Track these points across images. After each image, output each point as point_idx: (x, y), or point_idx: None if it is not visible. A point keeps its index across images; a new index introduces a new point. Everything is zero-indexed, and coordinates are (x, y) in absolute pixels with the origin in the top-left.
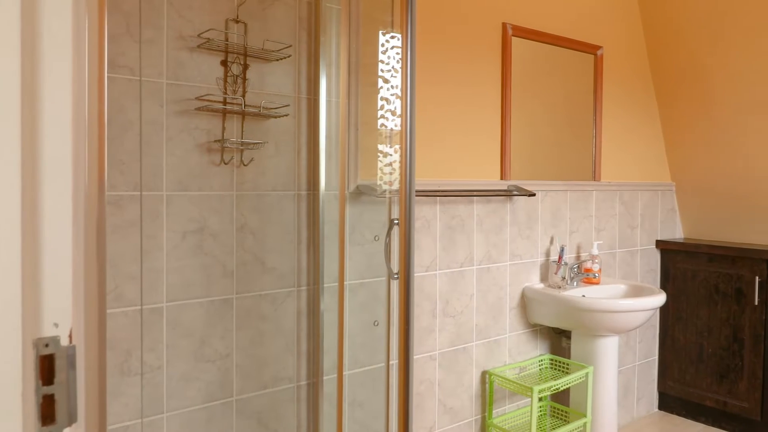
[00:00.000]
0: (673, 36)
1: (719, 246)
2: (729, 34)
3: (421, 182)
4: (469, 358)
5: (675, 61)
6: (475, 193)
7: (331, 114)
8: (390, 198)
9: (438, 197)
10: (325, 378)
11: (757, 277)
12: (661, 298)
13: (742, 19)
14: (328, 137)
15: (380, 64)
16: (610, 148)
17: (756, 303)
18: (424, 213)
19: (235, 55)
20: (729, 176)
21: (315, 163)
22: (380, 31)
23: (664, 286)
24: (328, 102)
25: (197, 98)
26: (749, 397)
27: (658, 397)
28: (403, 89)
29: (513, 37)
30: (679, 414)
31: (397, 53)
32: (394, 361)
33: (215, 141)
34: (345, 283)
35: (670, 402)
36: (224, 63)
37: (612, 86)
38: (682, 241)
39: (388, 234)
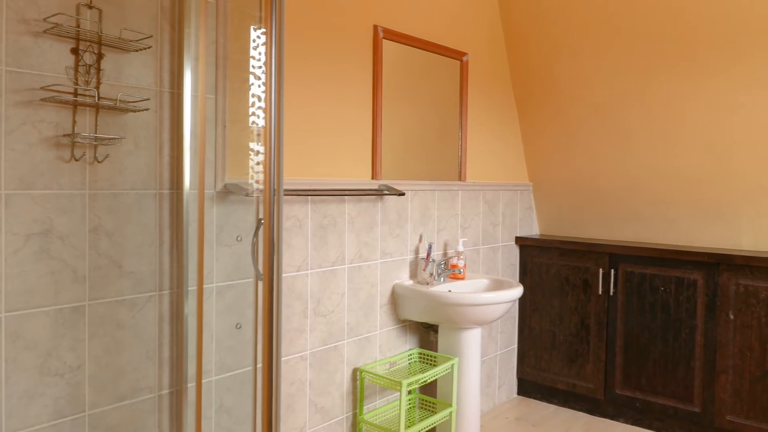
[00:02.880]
0: (529, 45)
1: (569, 241)
2: (575, 43)
3: (292, 181)
4: (341, 356)
5: (531, 68)
6: (346, 192)
7: (197, 110)
8: (258, 197)
9: (310, 196)
10: (189, 385)
11: (600, 269)
12: (519, 291)
13: (586, 30)
14: (193, 134)
15: (251, 60)
16: (474, 149)
17: (600, 293)
18: (296, 212)
19: (88, 43)
20: (576, 177)
21: (179, 161)
22: (251, 27)
23: (523, 279)
24: (194, 97)
25: (43, 88)
26: (594, 379)
27: (517, 383)
28: (268, 85)
29: (384, 40)
30: (535, 398)
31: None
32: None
33: (64, 135)
34: (210, 285)
35: (527, 387)
36: (75, 51)
37: (476, 91)
38: (538, 237)
39: (256, 234)
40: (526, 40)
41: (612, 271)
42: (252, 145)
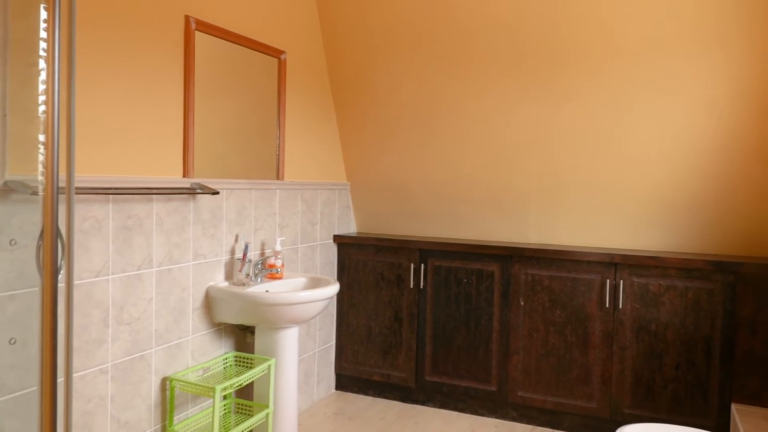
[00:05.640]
0: (346, 46)
1: (384, 239)
2: (387, 47)
3: (89, 178)
4: (148, 365)
5: (348, 69)
6: (154, 191)
7: None
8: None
9: (111, 195)
10: None
11: (412, 264)
12: (335, 288)
13: (395, 35)
14: None
15: (42, 42)
16: (293, 149)
17: (411, 286)
18: (94, 212)
19: None
20: (389, 177)
21: None
22: (42, 5)
23: (341, 276)
24: None
25: None
26: (406, 368)
27: (335, 378)
28: (49, 65)
29: (197, 32)
30: (353, 391)
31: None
32: (61, 379)
33: None
34: None
35: (345, 381)
36: None
37: (295, 90)
38: (355, 235)
39: (41, 237)
40: (343, 42)
41: (422, 265)
42: (42, 137)
